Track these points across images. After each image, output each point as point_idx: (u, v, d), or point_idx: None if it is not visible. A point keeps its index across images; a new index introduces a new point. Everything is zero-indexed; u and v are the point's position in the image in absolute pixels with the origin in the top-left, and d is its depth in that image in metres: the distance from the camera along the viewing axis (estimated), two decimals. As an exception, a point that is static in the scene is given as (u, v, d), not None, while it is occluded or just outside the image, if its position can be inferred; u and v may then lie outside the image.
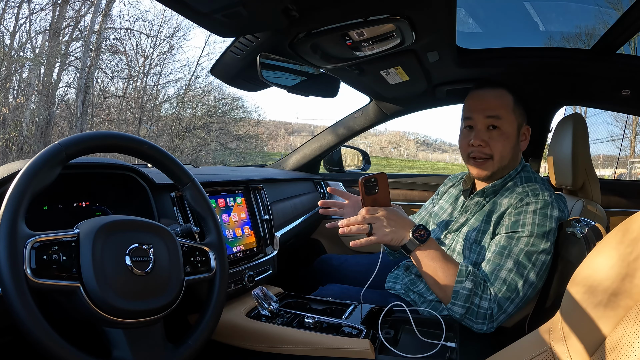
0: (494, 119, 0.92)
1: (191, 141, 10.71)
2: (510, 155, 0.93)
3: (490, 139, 0.92)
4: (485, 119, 0.93)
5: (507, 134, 0.92)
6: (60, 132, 8.92)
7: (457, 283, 0.81)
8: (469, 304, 0.80)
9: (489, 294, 0.81)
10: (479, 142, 0.93)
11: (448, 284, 0.81)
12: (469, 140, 0.94)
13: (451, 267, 0.82)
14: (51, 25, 8.59)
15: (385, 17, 0.80)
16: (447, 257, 0.84)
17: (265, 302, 0.90)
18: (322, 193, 1.82)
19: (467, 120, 0.96)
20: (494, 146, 0.92)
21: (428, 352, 0.77)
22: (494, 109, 0.92)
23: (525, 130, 0.97)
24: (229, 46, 0.95)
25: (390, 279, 1.13)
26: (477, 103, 0.95)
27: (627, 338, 0.44)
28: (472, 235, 0.94)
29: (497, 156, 0.92)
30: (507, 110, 0.92)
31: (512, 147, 0.93)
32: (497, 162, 0.93)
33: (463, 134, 0.98)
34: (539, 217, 0.85)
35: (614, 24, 0.97)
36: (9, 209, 0.51)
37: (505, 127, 0.92)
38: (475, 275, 0.82)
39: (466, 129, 0.97)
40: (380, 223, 0.82)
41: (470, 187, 1.06)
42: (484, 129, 0.93)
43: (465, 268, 0.82)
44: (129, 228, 0.61)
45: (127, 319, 0.56)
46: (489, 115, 0.92)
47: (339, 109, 38.94)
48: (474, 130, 0.95)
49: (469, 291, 0.80)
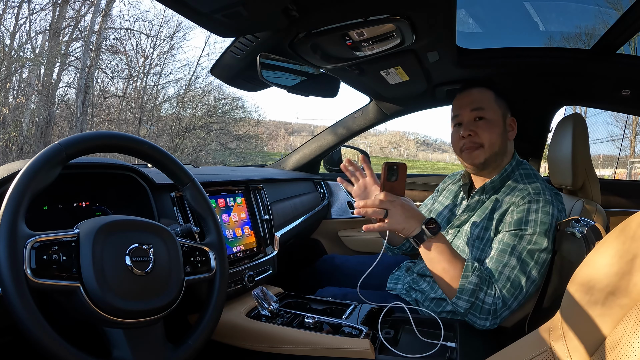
0: (478, 111, 0.97)
1: (191, 141, 10.70)
2: (499, 142, 0.96)
3: (477, 128, 0.96)
4: (471, 112, 0.98)
5: (493, 121, 0.96)
6: (60, 132, 8.91)
7: (463, 278, 0.82)
8: (473, 299, 0.81)
9: (494, 290, 0.82)
10: (468, 132, 0.97)
11: (454, 278, 0.83)
12: (459, 134, 0.99)
13: (458, 262, 0.84)
14: (51, 25, 8.58)
15: (385, 17, 0.80)
16: (454, 251, 0.86)
17: (265, 302, 0.90)
18: (322, 193, 1.82)
19: (455, 118, 1.01)
20: (482, 134, 0.96)
21: (428, 352, 0.77)
22: (477, 102, 0.98)
23: (511, 122, 1.00)
24: (229, 46, 0.95)
25: (391, 280, 1.13)
26: (461, 101, 1.01)
27: (627, 338, 0.44)
28: (475, 232, 0.95)
29: (486, 143, 0.96)
30: (489, 100, 0.98)
31: (500, 135, 0.96)
32: (487, 149, 0.96)
33: (453, 132, 1.02)
34: (541, 215, 0.86)
35: (614, 24, 0.97)
36: (9, 209, 0.51)
37: (490, 115, 0.97)
38: (481, 271, 0.83)
39: (456, 127, 1.02)
40: (396, 210, 0.83)
41: (469, 181, 1.07)
42: (471, 121, 0.98)
43: (472, 264, 0.83)
44: (129, 228, 0.61)
45: (127, 319, 0.56)
46: (473, 108, 0.97)
47: (339, 109, 38.98)
48: (462, 125, 0.99)
49: (474, 286, 0.81)
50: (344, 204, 1.84)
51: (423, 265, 1.05)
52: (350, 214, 1.82)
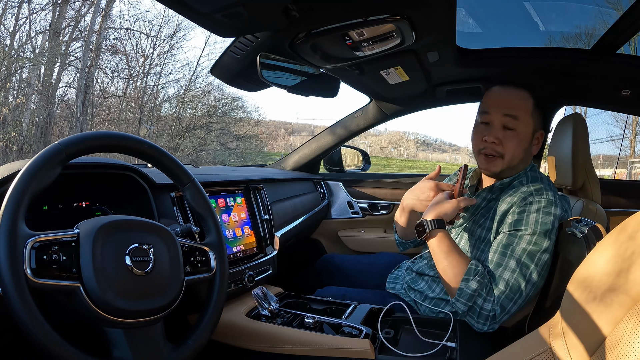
0: (511, 119, 0.90)
1: (191, 141, 10.71)
2: (520, 157, 0.92)
3: (504, 138, 0.90)
4: (503, 117, 0.91)
5: (521, 135, 0.91)
6: (60, 132, 8.91)
7: (464, 281, 0.82)
8: (471, 304, 0.81)
9: (493, 296, 0.81)
10: (493, 139, 0.91)
11: (456, 279, 0.83)
12: (483, 135, 0.92)
13: (462, 263, 0.84)
14: (51, 25, 8.58)
15: (385, 17, 0.80)
16: (461, 252, 0.87)
17: (265, 302, 0.90)
18: (322, 193, 1.82)
19: (484, 115, 0.94)
20: (507, 146, 0.90)
21: (428, 352, 0.77)
22: (513, 108, 0.91)
23: (539, 135, 0.95)
24: (229, 46, 0.95)
25: (390, 280, 1.13)
26: (497, 100, 0.93)
27: (627, 337, 0.44)
28: (477, 232, 0.95)
29: (507, 156, 0.91)
30: (526, 112, 0.91)
31: (524, 150, 0.92)
32: (506, 162, 0.92)
33: (478, 129, 0.95)
34: (541, 216, 0.85)
35: (614, 24, 0.97)
36: (9, 209, 0.51)
37: (521, 128, 0.91)
38: (483, 277, 0.82)
39: (482, 125, 0.94)
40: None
41: (477, 183, 1.06)
42: (500, 127, 0.91)
43: (475, 267, 0.83)
44: (129, 228, 0.61)
45: (127, 319, 0.56)
46: (506, 114, 0.90)
47: (339, 109, 38.92)
48: (489, 127, 0.93)
49: (472, 291, 0.81)
50: (344, 204, 1.84)
51: (422, 264, 1.05)
52: (350, 214, 1.82)
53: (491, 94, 0.95)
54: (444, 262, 0.85)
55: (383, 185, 1.81)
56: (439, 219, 0.87)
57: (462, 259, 0.85)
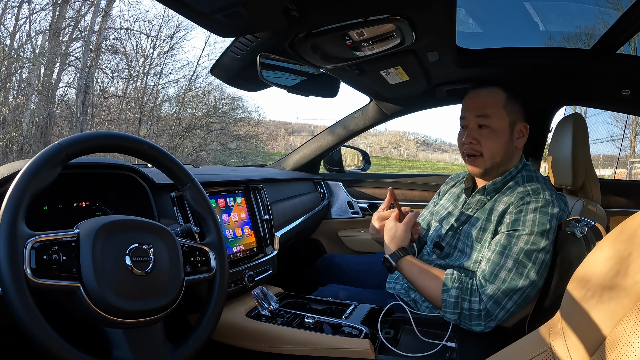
0: (482, 118, 0.94)
1: (191, 141, 10.70)
2: (502, 153, 0.94)
3: (480, 136, 0.95)
4: (475, 118, 0.95)
5: (497, 131, 0.94)
6: (60, 132, 8.91)
7: (444, 292, 0.84)
8: (459, 310, 0.83)
9: (478, 296, 0.83)
10: (470, 139, 0.96)
11: (436, 293, 0.86)
12: (462, 138, 0.98)
13: (437, 277, 0.87)
14: (51, 25, 8.58)
15: (385, 17, 0.80)
16: (432, 267, 0.90)
17: (265, 302, 0.90)
18: (322, 193, 1.82)
19: (462, 120, 1.00)
20: (484, 143, 0.94)
21: (428, 352, 0.77)
22: (482, 108, 0.95)
23: (522, 128, 0.97)
24: (229, 46, 0.95)
25: (390, 280, 1.13)
26: (469, 103, 0.98)
27: (627, 337, 0.44)
28: (474, 233, 0.95)
29: (486, 153, 0.94)
30: (497, 107, 0.94)
31: (504, 145, 0.94)
32: (487, 159, 0.95)
33: (459, 133, 1.01)
34: (539, 215, 0.85)
35: (614, 24, 0.97)
36: (9, 209, 0.51)
37: (495, 124, 0.93)
38: (461, 282, 0.85)
39: (462, 129, 1.00)
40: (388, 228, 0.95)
41: (472, 185, 1.06)
42: (475, 127, 0.96)
43: (451, 275, 0.86)
44: (129, 228, 0.61)
45: (127, 319, 0.56)
46: (478, 115, 0.95)
47: (339, 109, 38.96)
48: (467, 129, 0.98)
49: (455, 298, 0.83)
50: (344, 204, 1.84)
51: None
52: (350, 214, 1.82)
53: (465, 99, 1.00)
54: (420, 282, 0.89)
55: (383, 185, 1.81)
56: (399, 248, 0.91)
57: (435, 274, 0.87)
